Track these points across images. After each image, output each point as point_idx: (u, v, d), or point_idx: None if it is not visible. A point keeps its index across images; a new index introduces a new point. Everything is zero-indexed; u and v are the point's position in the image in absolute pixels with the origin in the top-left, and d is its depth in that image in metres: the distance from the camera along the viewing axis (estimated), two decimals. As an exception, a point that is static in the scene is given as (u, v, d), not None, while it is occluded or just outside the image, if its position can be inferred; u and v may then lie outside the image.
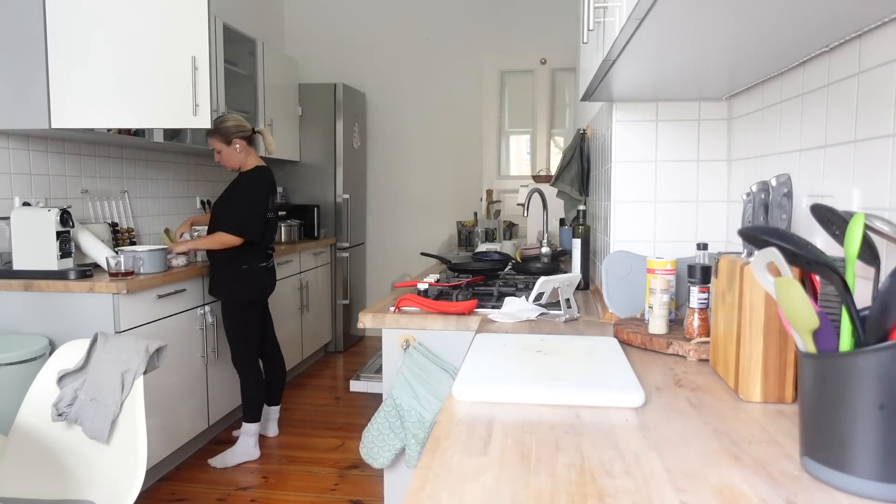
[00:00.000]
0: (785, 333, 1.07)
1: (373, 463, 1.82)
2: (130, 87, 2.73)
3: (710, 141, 1.86)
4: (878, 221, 0.90)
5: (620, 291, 1.77)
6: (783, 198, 1.16)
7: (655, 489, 0.77)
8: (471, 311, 1.86)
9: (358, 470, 2.98)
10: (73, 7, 2.68)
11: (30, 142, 2.89)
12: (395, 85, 5.46)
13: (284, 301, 4.07)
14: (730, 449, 0.89)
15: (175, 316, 2.89)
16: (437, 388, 1.73)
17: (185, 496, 2.73)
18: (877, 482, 0.73)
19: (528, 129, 5.40)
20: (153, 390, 2.72)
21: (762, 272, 0.88)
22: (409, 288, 2.25)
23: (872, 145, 1.07)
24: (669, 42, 1.14)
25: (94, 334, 1.92)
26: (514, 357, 1.30)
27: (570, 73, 5.26)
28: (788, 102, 1.42)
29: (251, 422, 3.09)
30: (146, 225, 3.69)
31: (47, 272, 2.58)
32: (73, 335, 2.50)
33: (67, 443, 1.84)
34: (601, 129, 2.27)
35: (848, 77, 1.15)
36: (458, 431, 0.96)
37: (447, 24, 5.35)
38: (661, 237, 1.91)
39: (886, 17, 1.01)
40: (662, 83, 1.58)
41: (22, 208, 2.63)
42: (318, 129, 4.97)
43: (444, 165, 5.46)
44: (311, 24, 5.53)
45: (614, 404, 1.07)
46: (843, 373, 0.75)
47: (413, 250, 5.54)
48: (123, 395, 1.80)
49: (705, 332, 1.41)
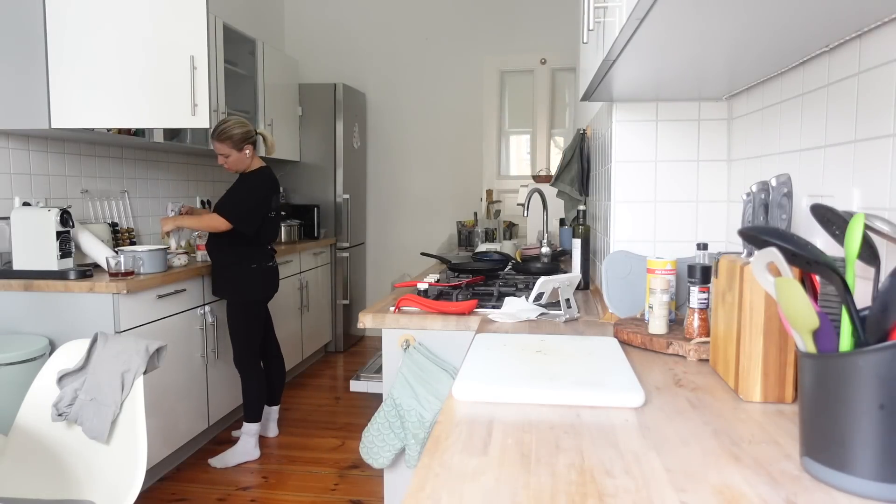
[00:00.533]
0: (785, 333, 1.07)
1: (373, 463, 1.82)
2: (130, 87, 2.73)
3: (710, 141, 1.86)
4: (878, 221, 0.90)
5: (620, 291, 1.77)
6: (783, 198, 1.16)
7: (655, 489, 0.77)
8: (471, 311, 1.86)
9: (358, 470, 2.98)
10: (73, 7, 2.68)
11: (30, 142, 2.89)
12: (395, 85, 5.46)
13: (284, 301, 4.07)
14: (730, 449, 0.89)
15: (175, 316, 2.89)
16: (437, 388, 1.73)
17: (185, 496, 2.73)
18: (877, 482, 0.73)
19: (528, 129, 5.40)
20: (153, 390, 2.72)
21: (762, 272, 0.88)
22: (409, 288, 2.25)
23: (872, 145, 1.07)
24: (669, 42, 1.14)
25: (94, 334, 1.92)
26: (514, 357, 1.30)
27: (570, 73, 5.26)
28: (788, 102, 1.42)
29: (252, 422, 3.08)
30: (146, 225, 3.69)
31: (47, 272, 2.58)
32: (73, 335, 2.50)
33: (67, 443, 1.84)
34: (601, 129, 2.27)
35: (848, 77, 1.15)
36: (458, 431, 0.96)
37: (447, 24, 5.35)
38: (661, 237, 1.91)
39: (886, 17, 1.01)
40: (662, 83, 1.58)
41: (22, 208, 2.63)
42: (318, 129, 4.97)
43: (444, 165, 5.46)
44: (311, 24, 5.53)
45: (614, 404, 1.07)
46: (843, 373, 0.75)
47: (413, 250, 5.54)
48: (123, 395, 1.80)
49: (705, 332, 1.41)
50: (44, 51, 2.68)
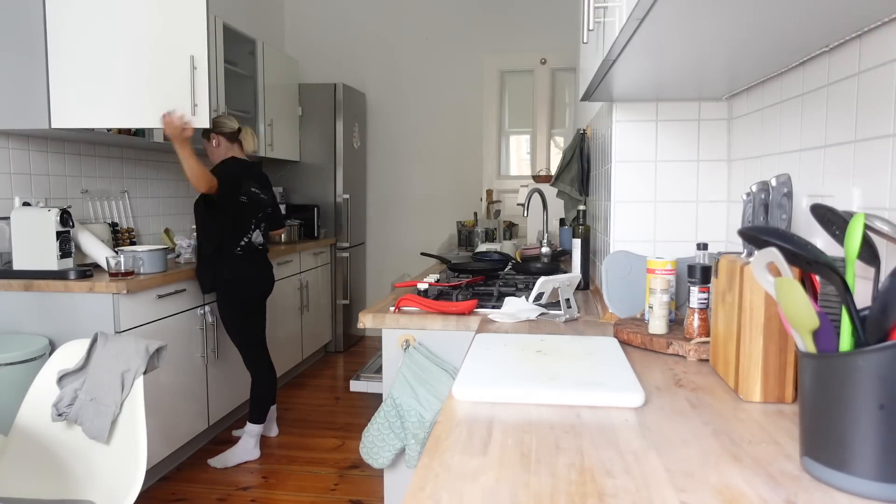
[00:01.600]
0: (785, 333, 1.07)
1: (373, 463, 1.82)
2: (130, 87, 2.73)
3: (710, 141, 1.86)
4: (878, 221, 0.90)
5: (620, 291, 1.77)
6: (783, 198, 1.16)
7: (655, 489, 0.77)
8: (471, 311, 1.86)
9: (358, 470, 2.98)
10: (73, 7, 2.68)
11: (30, 142, 2.89)
12: (395, 85, 5.46)
13: (284, 301, 4.07)
14: (730, 449, 0.89)
15: (175, 316, 2.89)
16: (437, 388, 1.73)
17: (185, 496, 2.73)
18: (877, 482, 0.73)
19: (528, 129, 5.40)
20: (153, 390, 2.72)
21: (762, 272, 0.88)
22: (409, 288, 2.25)
23: (872, 145, 1.07)
24: (669, 42, 1.14)
25: (94, 334, 1.92)
26: (514, 357, 1.30)
27: (570, 73, 5.26)
28: (788, 102, 1.42)
29: (257, 423, 3.08)
30: (146, 225, 3.69)
31: (47, 272, 2.58)
32: (73, 335, 2.50)
33: (67, 443, 1.84)
34: (601, 129, 2.27)
35: (848, 77, 1.15)
36: (458, 431, 0.96)
37: (447, 24, 5.35)
38: (661, 237, 1.91)
39: (886, 17, 1.01)
40: (662, 83, 1.58)
41: (22, 208, 2.63)
42: (318, 129, 4.96)
43: (444, 165, 5.46)
44: (311, 24, 5.53)
45: (614, 404, 1.07)
46: (843, 373, 0.75)
47: (413, 250, 5.54)
48: (123, 395, 1.80)
49: (705, 332, 1.41)
50: (44, 51, 2.68)
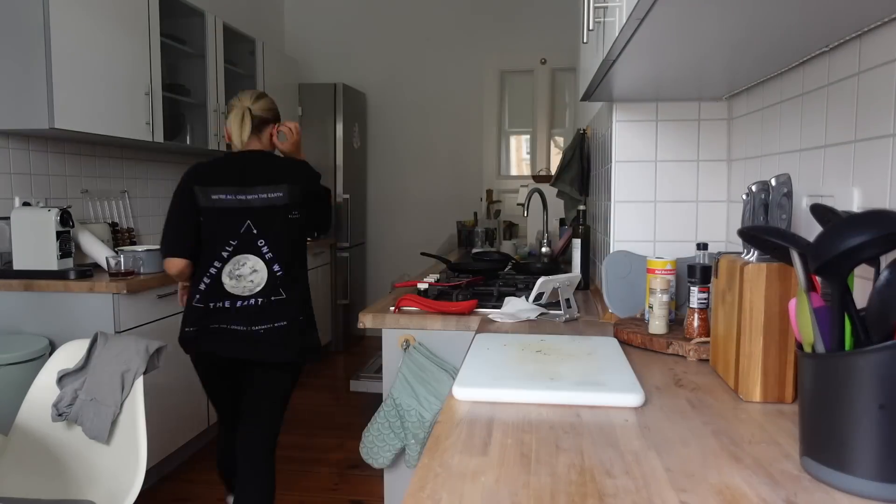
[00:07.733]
0: (785, 333, 1.07)
1: (373, 463, 1.82)
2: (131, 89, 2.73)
3: (709, 141, 1.86)
4: (878, 221, 0.90)
5: (620, 291, 1.77)
6: (783, 198, 1.16)
7: (655, 489, 0.77)
8: (471, 311, 1.86)
9: (358, 470, 2.98)
10: (75, 7, 2.68)
11: (30, 142, 2.89)
12: (395, 85, 5.46)
13: (284, 301, 4.06)
14: (730, 449, 0.89)
15: (175, 316, 2.89)
16: (437, 388, 1.73)
17: (185, 496, 2.73)
18: (877, 482, 0.73)
19: (528, 129, 5.40)
20: (153, 390, 2.72)
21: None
22: (409, 288, 2.24)
23: (872, 145, 1.07)
24: (670, 42, 1.14)
25: (94, 334, 1.92)
26: (514, 357, 1.30)
27: (570, 73, 5.26)
28: (788, 102, 1.42)
29: None
30: (146, 225, 3.69)
31: (47, 272, 2.58)
32: (73, 335, 2.50)
33: (67, 443, 1.84)
34: (601, 129, 2.27)
35: (848, 77, 1.15)
36: (458, 431, 0.96)
37: (447, 25, 5.35)
38: (661, 237, 1.91)
39: (886, 17, 1.01)
40: (662, 83, 1.58)
41: (22, 208, 2.63)
42: (318, 129, 4.96)
43: (444, 165, 5.46)
44: (311, 24, 5.53)
45: (614, 404, 1.07)
46: (843, 373, 0.75)
47: (413, 250, 5.54)
48: (123, 395, 1.80)
49: (705, 332, 1.41)
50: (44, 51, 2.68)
